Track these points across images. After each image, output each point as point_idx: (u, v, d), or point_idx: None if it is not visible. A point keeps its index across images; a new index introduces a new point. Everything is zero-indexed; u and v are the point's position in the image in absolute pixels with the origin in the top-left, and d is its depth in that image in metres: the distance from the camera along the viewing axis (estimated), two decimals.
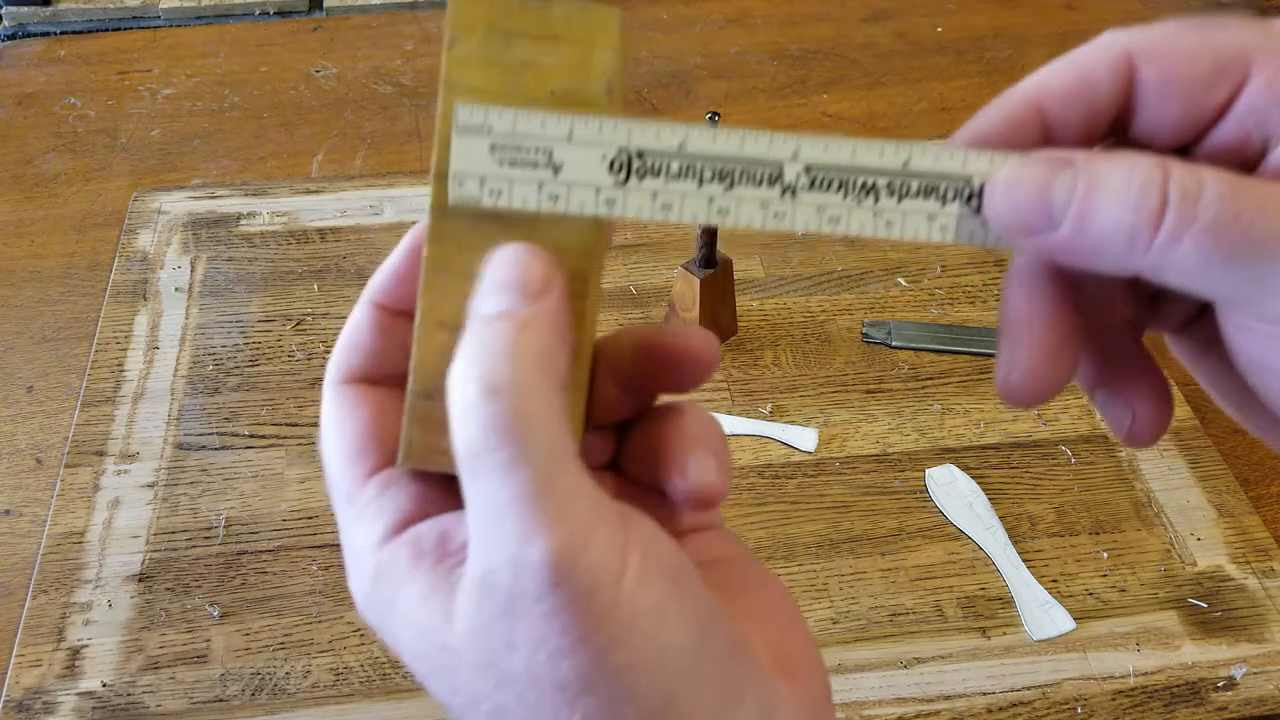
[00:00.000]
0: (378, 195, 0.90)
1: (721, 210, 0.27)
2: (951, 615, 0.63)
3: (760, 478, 0.70)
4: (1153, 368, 0.30)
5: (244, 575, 0.65)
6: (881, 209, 0.27)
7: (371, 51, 1.11)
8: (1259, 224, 0.24)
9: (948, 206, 0.27)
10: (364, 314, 0.28)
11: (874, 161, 0.27)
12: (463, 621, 0.24)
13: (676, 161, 0.26)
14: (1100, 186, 0.24)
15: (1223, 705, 0.60)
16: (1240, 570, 0.66)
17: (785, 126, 1.01)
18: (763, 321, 0.80)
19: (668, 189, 0.26)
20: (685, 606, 0.25)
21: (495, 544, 0.23)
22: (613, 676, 0.23)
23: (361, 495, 0.27)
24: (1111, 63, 0.26)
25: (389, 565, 0.26)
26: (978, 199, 0.27)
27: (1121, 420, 0.29)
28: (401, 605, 0.26)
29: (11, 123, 1.01)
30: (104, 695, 0.59)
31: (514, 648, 0.24)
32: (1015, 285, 0.28)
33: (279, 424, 0.73)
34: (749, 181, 0.26)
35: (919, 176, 0.27)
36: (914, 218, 0.27)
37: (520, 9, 0.26)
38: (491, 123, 0.26)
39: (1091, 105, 0.27)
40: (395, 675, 0.60)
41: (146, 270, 0.84)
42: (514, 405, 0.23)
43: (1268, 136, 0.26)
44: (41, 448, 0.73)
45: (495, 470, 0.23)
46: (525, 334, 0.24)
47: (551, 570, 0.23)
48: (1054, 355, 0.27)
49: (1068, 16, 1.18)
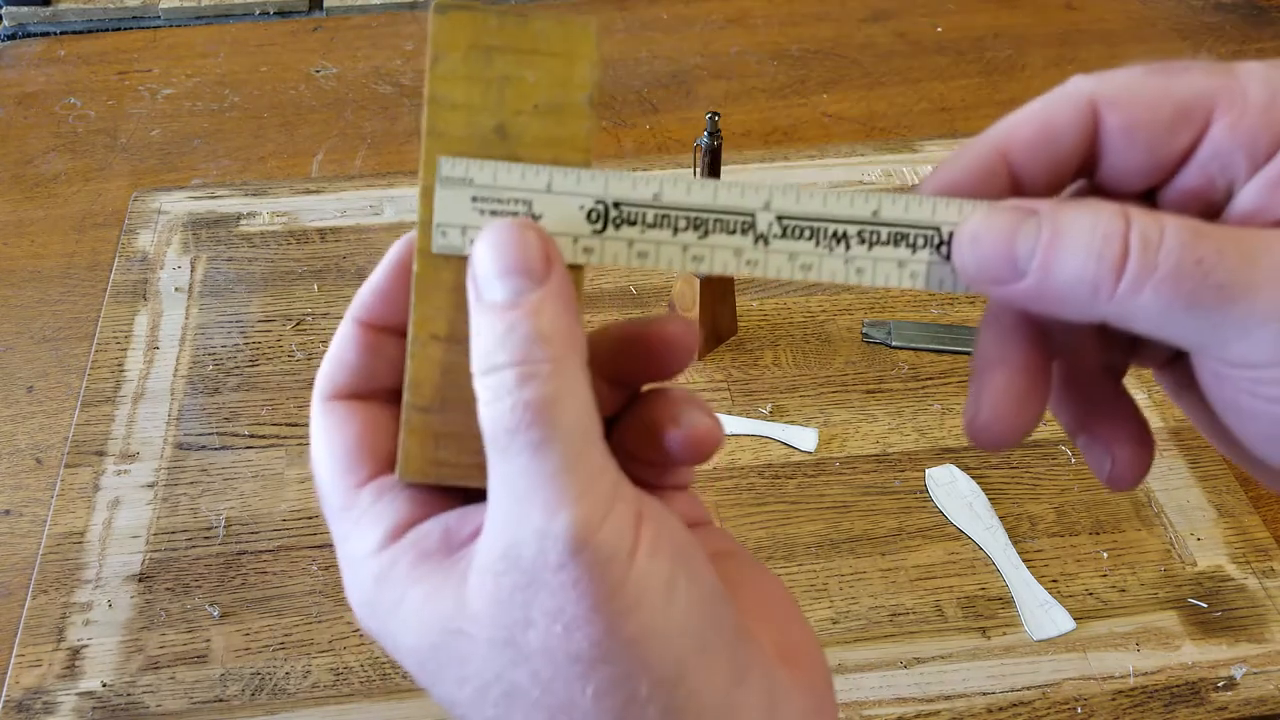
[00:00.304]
0: (378, 195, 0.90)
1: (696, 258, 0.27)
2: (951, 615, 0.63)
3: (760, 478, 0.70)
4: (1133, 413, 0.30)
5: (244, 575, 0.65)
6: (852, 256, 0.28)
7: (371, 51, 1.11)
8: (1219, 272, 0.24)
9: (918, 254, 0.27)
10: (348, 331, 0.29)
11: (844, 211, 0.27)
12: (479, 600, 0.25)
13: (652, 211, 0.27)
14: (1063, 237, 0.25)
15: (1223, 705, 0.60)
16: (1240, 570, 0.66)
17: (785, 126, 1.01)
18: (763, 321, 0.80)
19: (644, 237, 0.27)
20: (693, 582, 0.25)
21: (522, 518, 0.24)
22: (625, 646, 0.24)
23: (356, 504, 0.28)
24: (1075, 110, 0.27)
25: (391, 567, 0.26)
26: (947, 246, 0.27)
27: (1102, 464, 0.30)
28: (407, 604, 0.26)
29: (11, 123, 1.01)
30: (104, 695, 0.59)
31: (531, 622, 0.24)
32: (987, 328, 0.29)
33: (279, 424, 0.73)
34: (723, 230, 0.27)
35: (889, 225, 0.27)
36: (885, 265, 0.28)
37: (500, 26, 0.27)
38: (473, 175, 0.27)
39: (1056, 153, 0.27)
40: (395, 675, 0.60)
41: (146, 270, 0.84)
42: (546, 385, 0.24)
43: (1232, 180, 0.26)
44: (41, 448, 0.73)
45: (528, 448, 0.24)
46: (543, 317, 0.25)
47: (573, 540, 0.24)
48: (1021, 399, 0.28)
49: (1068, 16, 1.18)
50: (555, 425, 0.24)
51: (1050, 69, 1.10)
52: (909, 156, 0.95)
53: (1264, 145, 0.26)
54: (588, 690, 0.24)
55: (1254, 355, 0.24)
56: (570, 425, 0.24)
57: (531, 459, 0.24)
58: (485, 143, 0.27)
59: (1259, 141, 0.26)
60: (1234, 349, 0.24)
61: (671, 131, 1.00)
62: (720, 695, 0.25)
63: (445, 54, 0.27)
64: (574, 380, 0.25)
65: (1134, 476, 0.30)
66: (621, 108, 1.03)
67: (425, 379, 0.27)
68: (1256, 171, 0.26)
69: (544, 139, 0.27)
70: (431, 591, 0.26)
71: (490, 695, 0.25)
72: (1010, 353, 0.28)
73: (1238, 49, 1.14)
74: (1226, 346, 0.24)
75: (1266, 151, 0.26)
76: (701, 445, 0.29)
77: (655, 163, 0.95)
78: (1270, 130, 0.26)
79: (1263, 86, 0.26)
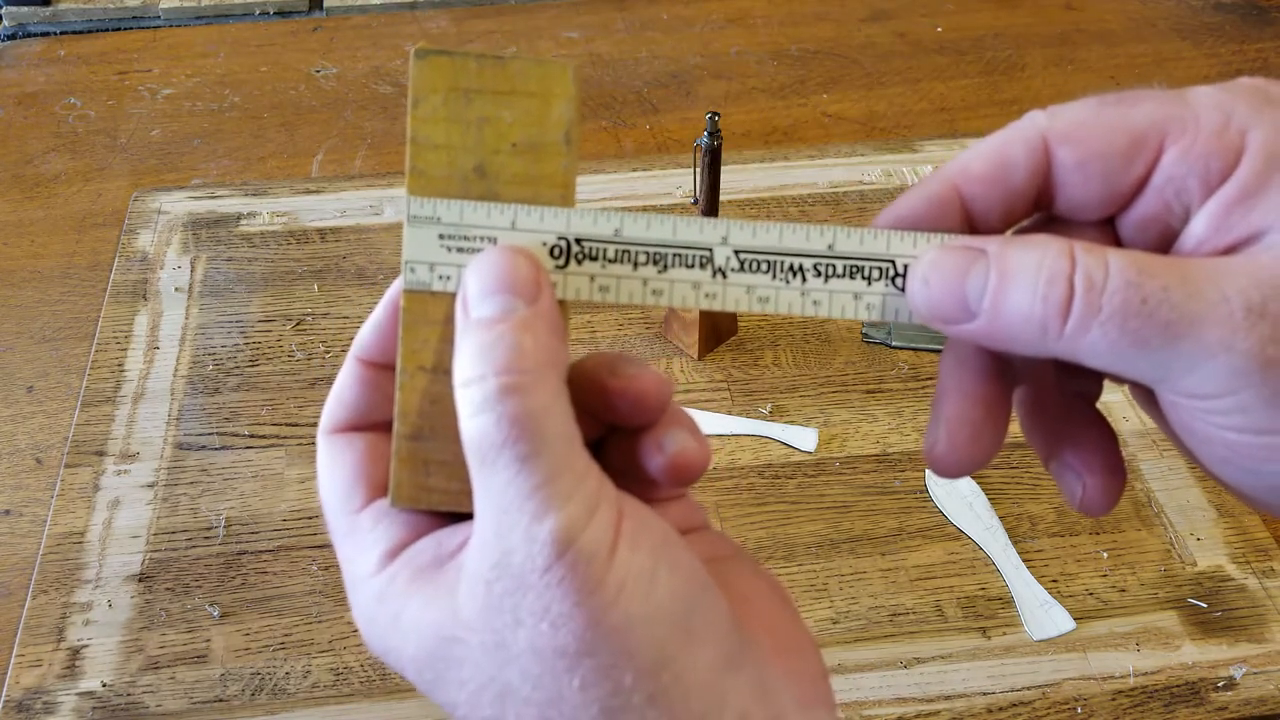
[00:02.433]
0: (378, 195, 0.90)
1: (656, 291, 0.28)
2: (951, 615, 0.63)
3: (760, 478, 0.70)
4: (1104, 440, 0.30)
5: (244, 575, 0.65)
6: (809, 289, 0.28)
7: (371, 51, 1.11)
8: (1163, 310, 0.24)
9: (873, 286, 0.28)
10: (349, 370, 0.30)
11: (800, 244, 0.28)
12: (470, 607, 0.26)
13: (613, 247, 0.28)
14: (1010, 278, 0.26)
15: (1223, 705, 0.60)
16: (1240, 570, 0.66)
17: (785, 126, 1.01)
18: (763, 321, 0.80)
19: (605, 272, 0.28)
20: (673, 572, 0.26)
21: (511, 528, 0.25)
22: (608, 636, 0.25)
23: (357, 529, 0.29)
24: (1028, 146, 0.27)
25: (389, 585, 0.28)
26: (902, 278, 0.28)
27: (1074, 491, 0.30)
28: (405, 617, 0.27)
29: (11, 123, 1.01)
30: (104, 695, 0.59)
31: (520, 623, 0.25)
32: (946, 358, 0.29)
33: (279, 424, 0.73)
34: (682, 264, 0.28)
35: (844, 258, 0.28)
36: (840, 297, 0.28)
37: (478, 69, 0.28)
38: (440, 214, 0.27)
39: (1009, 188, 0.28)
40: (395, 676, 0.60)
41: (146, 270, 0.84)
42: (529, 400, 0.25)
43: (1187, 205, 0.27)
44: (41, 448, 0.73)
45: (514, 462, 0.25)
46: (528, 332, 0.26)
47: (558, 543, 0.24)
48: (976, 431, 0.28)
49: (1068, 16, 1.18)
50: (541, 438, 0.25)
51: (1050, 69, 1.10)
52: (909, 156, 0.95)
53: (1216, 169, 0.26)
54: (574, 683, 0.25)
55: (1204, 388, 0.25)
56: (554, 436, 0.25)
57: (518, 472, 0.25)
58: (465, 182, 0.28)
59: (1211, 166, 0.26)
60: (1184, 382, 0.25)
61: (671, 131, 1.00)
62: (708, 680, 0.26)
63: (425, 97, 0.28)
64: (556, 392, 0.25)
65: (1105, 503, 0.30)
66: (621, 108, 1.03)
67: (413, 409, 0.28)
68: (1210, 195, 0.26)
69: (522, 176, 0.28)
70: (426, 602, 0.27)
71: (485, 696, 0.26)
72: (967, 383, 0.29)
73: (1238, 49, 1.14)
74: (1177, 380, 0.25)
75: (1220, 175, 0.26)
76: (685, 471, 0.29)
77: (655, 163, 0.95)
78: (1223, 154, 0.26)
79: (1214, 112, 0.26)
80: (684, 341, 0.78)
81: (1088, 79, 1.08)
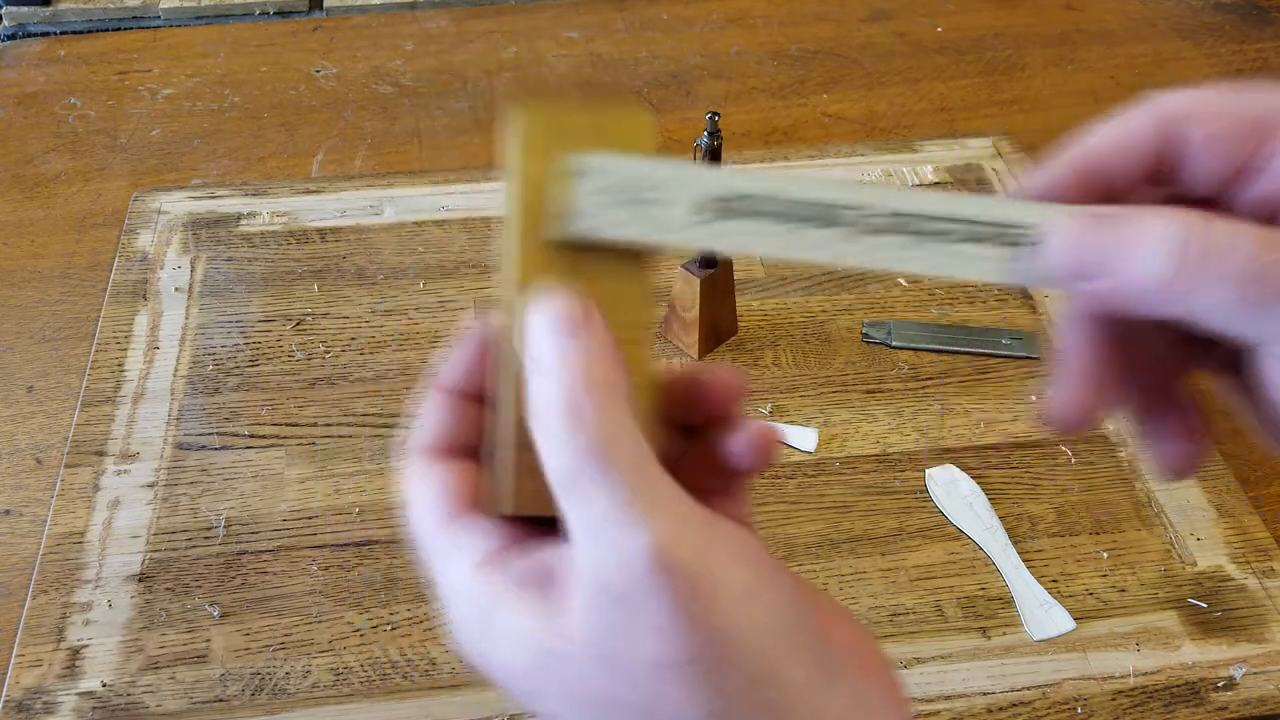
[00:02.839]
0: (378, 195, 0.90)
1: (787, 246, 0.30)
2: (951, 615, 0.63)
3: (760, 477, 0.70)
4: (1193, 408, 0.33)
5: (244, 575, 0.65)
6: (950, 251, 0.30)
7: (371, 51, 1.11)
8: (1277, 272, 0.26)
9: (1000, 250, 0.30)
10: (434, 397, 0.32)
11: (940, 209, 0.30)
12: (578, 626, 0.27)
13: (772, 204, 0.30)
14: (1139, 240, 0.28)
15: (1223, 705, 0.60)
16: (1240, 570, 0.66)
17: (785, 126, 1.01)
18: (763, 321, 0.80)
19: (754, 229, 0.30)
20: (771, 587, 0.27)
21: (607, 550, 0.27)
22: (710, 644, 0.26)
23: (450, 539, 0.31)
24: (1158, 123, 0.30)
25: (484, 591, 0.29)
26: (1031, 244, 0.30)
27: (1160, 454, 0.33)
28: (499, 624, 0.29)
29: (11, 123, 1.01)
30: (104, 695, 0.59)
31: (626, 637, 0.27)
32: (1070, 324, 0.31)
33: (279, 424, 0.73)
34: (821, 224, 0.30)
35: (974, 223, 0.30)
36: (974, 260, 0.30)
37: (573, 114, 0.30)
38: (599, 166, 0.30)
39: (1136, 161, 0.30)
40: (395, 675, 0.60)
41: (146, 270, 0.84)
42: (595, 429, 0.27)
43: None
44: (41, 448, 0.73)
45: (591, 486, 0.27)
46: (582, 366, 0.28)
47: (655, 559, 0.26)
48: (1098, 389, 0.31)
49: (1068, 16, 1.18)
50: (612, 462, 0.27)
51: (1050, 69, 1.10)
52: (909, 156, 0.95)
53: None
54: (681, 690, 0.26)
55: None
56: (626, 459, 0.27)
57: (598, 496, 0.27)
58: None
59: None
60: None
61: (671, 131, 1.00)
62: (811, 695, 0.27)
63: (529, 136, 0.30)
64: (620, 418, 0.27)
65: (1188, 467, 0.33)
66: None
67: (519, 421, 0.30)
68: None
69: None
70: (526, 617, 0.28)
71: (594, 710, 0.28)
72: (1090, 346, 0.31)
73: (1238, 49, 1.14)
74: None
75: None
76: (767, 447, 0.31)
77: None
78: None
79: None
80: (684, 341, 0.78)
81: (1088, 79, 1.08)
